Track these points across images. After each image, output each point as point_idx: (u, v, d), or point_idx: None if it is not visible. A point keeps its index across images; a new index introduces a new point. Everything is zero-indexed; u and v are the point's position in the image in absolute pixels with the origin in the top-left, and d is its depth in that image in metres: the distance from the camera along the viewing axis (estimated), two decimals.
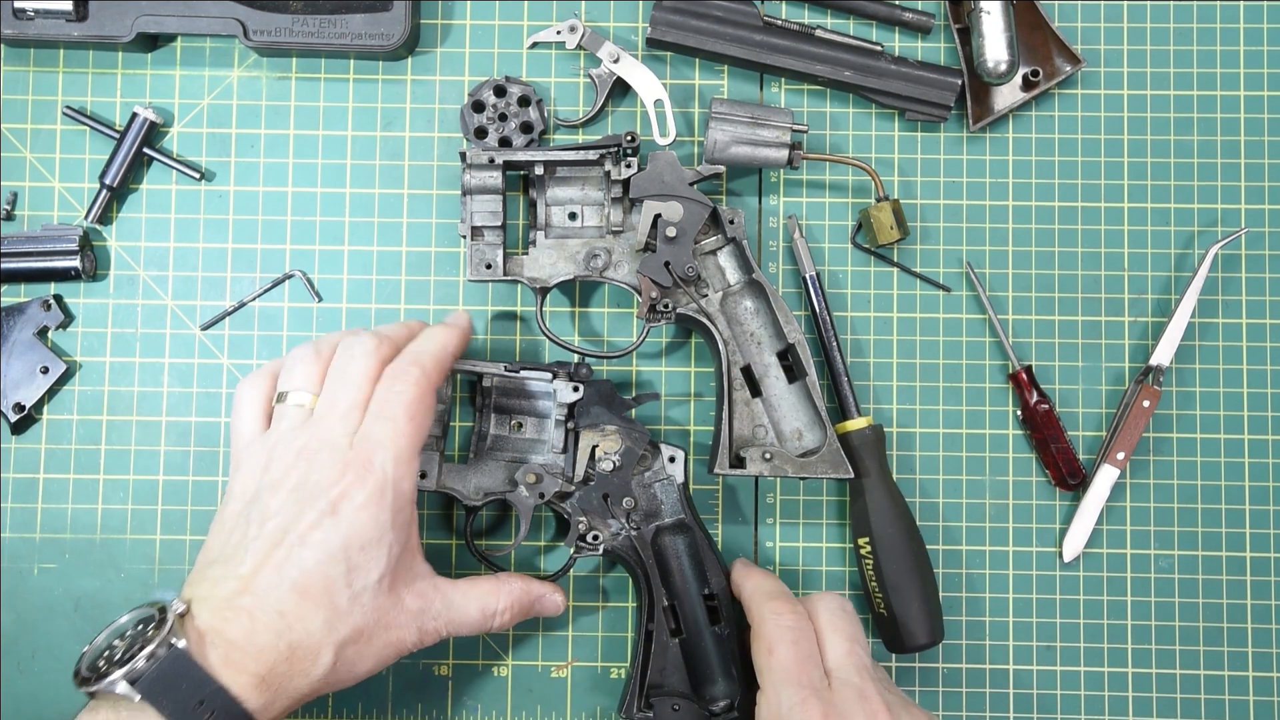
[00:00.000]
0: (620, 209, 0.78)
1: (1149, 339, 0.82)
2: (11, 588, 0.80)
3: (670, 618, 0.75)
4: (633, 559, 0.76)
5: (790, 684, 0.67)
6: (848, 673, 0.68)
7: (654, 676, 0.75)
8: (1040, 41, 0.82)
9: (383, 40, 0.80)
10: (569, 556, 0.78)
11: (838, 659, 0.69)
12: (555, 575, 0.78)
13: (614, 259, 0.78)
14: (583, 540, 0.76)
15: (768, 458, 0.75)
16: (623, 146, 0.76)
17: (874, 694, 0.67)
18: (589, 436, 0.76)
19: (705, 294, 0.78)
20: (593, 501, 0.76)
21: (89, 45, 0.81)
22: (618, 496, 0.76)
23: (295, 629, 0.63)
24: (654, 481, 0.77)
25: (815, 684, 0.67)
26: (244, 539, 0.65)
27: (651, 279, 0.76)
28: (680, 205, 0.76)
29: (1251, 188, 0.83)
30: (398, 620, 0.68)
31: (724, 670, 0.74)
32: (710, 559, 0.76)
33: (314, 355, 0.71)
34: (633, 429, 0.76)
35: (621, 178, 0.77)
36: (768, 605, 0.71)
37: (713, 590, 0.75)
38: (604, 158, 0.77)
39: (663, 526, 0.76)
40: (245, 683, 0.61)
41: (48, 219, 0.82)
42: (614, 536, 0.76)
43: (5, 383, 0.80)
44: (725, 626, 0.75)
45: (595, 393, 0.76)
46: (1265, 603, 0.81)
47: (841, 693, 0.67)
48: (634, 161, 0.77)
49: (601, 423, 0.76)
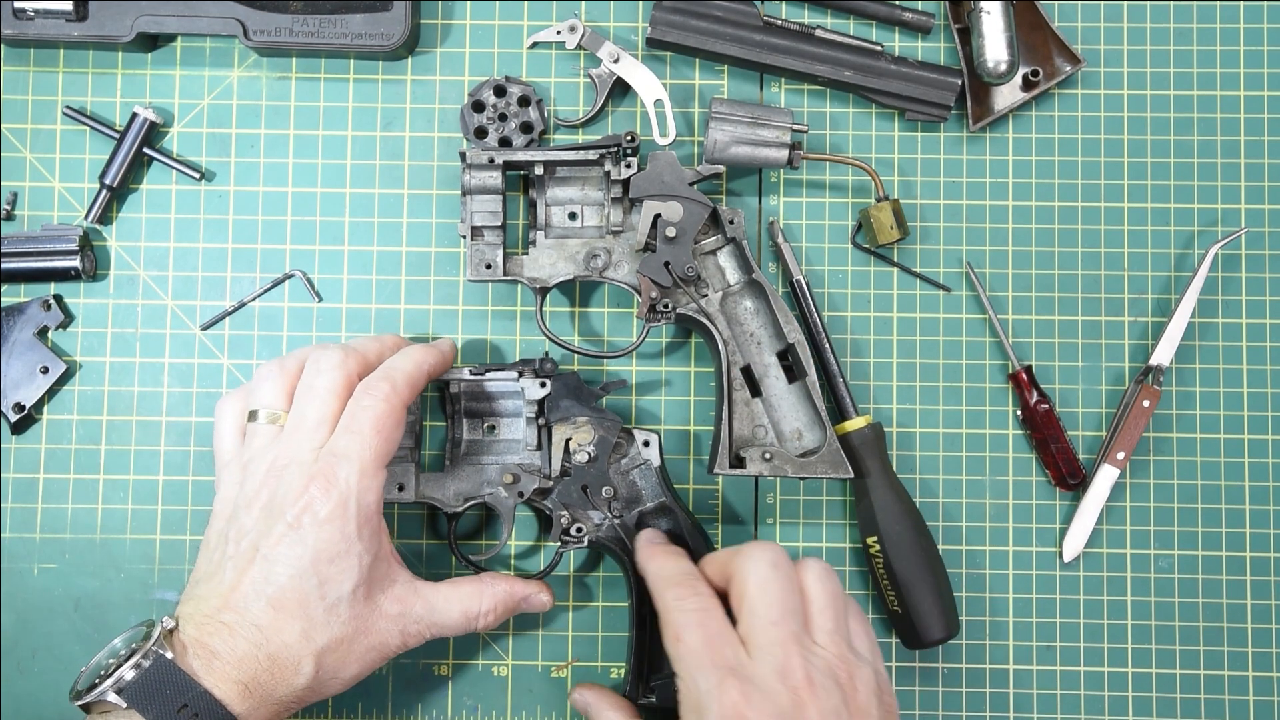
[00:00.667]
0: (620, 209, 0.78)
1: (1149, 339, 0.82)
2: (11, 588, 0.80)
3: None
4: (619, 548, 0.76)
5: (703, 668, 0.63)
6: (768, 645, 0.63)
7: (653, 662, 0.75)
8: (1040, 41, 0.82)
9: (383, 40, 0.80)
10: (555, 552, 0.78)
11: (756, 629, 0.64)
12: (543, 572, 0.78)
13: (614, 259, 0.78)
14: (567, 534, 0.76)
15: (767, 458, 0.75)
16: (622, 146, 0.76)
17: (797, 665, 0.62)
18: (561, 430, 0.76)
19: (705, 294, 0.78)
20: (572, 495, 0.76)
21: (89, 45, 0.81)
22: (597, 487, 0.76)
23: (273, 641, 0.65)
24: (631, 468, 0.77)
25: (730, 662, 0.63)
26: (223, 557, 0.67)
27: (651, 279, 0.76)
28: (680, 205, 0.76)
29: (1251, 188, 0.83)
30: (377, 626, 0.69)
31: None
32: (696, 539, 0.76)
33: (279, 372, 0.71)
34: (604, 418, 0.76)
35: (621, 178, 0.77)
36: (669, 592, 0.67)
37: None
38: (604, 158, 0.77)
39: (645, 511, 0.76)
40: (228, 689, 0.63)
41: (48, 219, 0.82)
42: (597, 527, 0.76)
43: (5, 383, 0.80)
44: None
45: (563, 386, 0.76)
46: (1265, 603, 0.81)
47: (762, 668, 0.63)
48: (634, 161, 0.77)
49: (572, 415, 0.76)
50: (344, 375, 0.70)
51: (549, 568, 0.78)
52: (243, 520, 0.67)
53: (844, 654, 0.65)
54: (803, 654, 0.63)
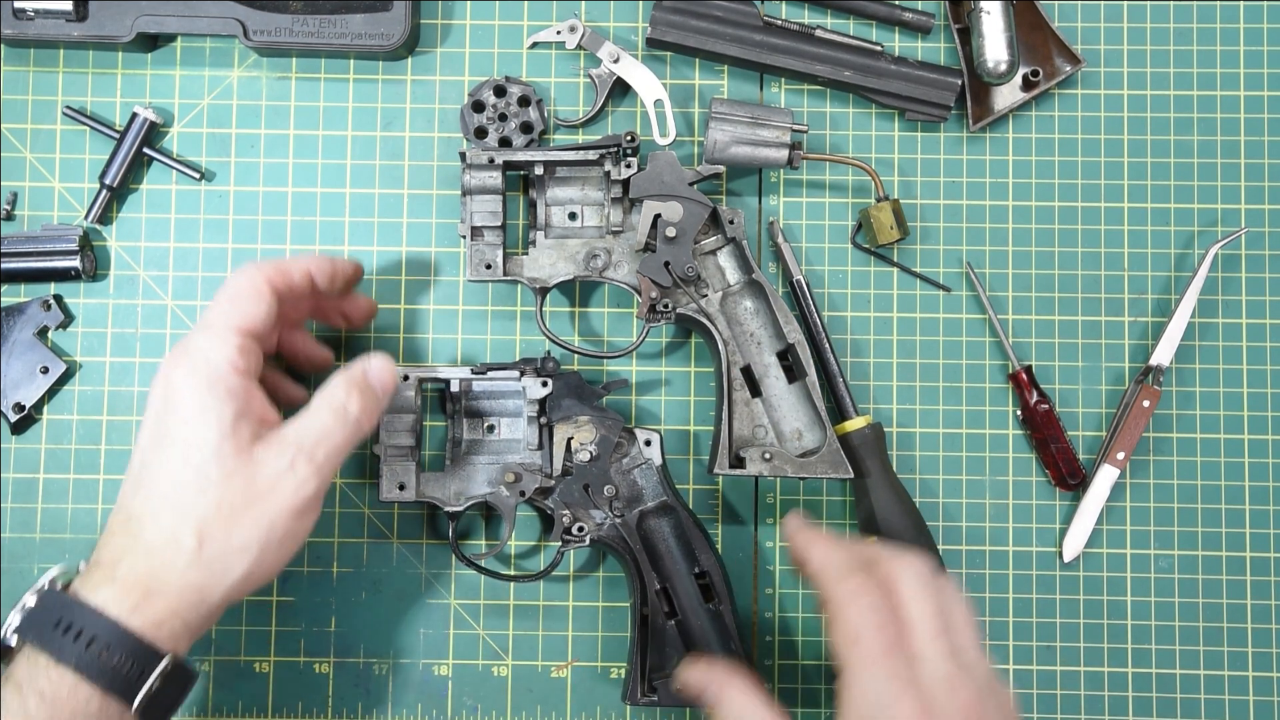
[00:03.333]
0: (620, 209, 0.78)
1: (1149, 339, 0.82)
2: (11, 588, 0.80)
3: (664, 600, 0.76)
4: (620, 547, 0.76)
5: (881, 678, 0.61)
6: (938, 659, 0.62)
7: (654, 660, 0.75)
8: (1040, 41, 0.82)
9: (383, 40, 0.80)
10: (556, 551, 0.78)
11: (925, 642, 0.62)
12: (545, 571, 0.78)
13: (614, 259, 0.78)
14: (568, 533, 0.76)
15: (767, 458, 0.75)
16: (622, 146, 0.76)
17: (962, 684, 0.61)
18: (563, 429, 0.76)
19: (705, 294, 0.78)
20: (574, 494, 0.76)
21: (89, 45, 0.81)
22: (598, 486, 0.76)
23: (148, 527, 0.63)
24: (633, 467, 0.77)
25: (904, 674, 0.61)
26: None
27: (651, 279, 0.76)
28: (680, 205, 0.76)
29: (1251, 188, 0.83)
30: (262, 478, 0.64)
31: (723, 646, 0.74)
32: (697, 537, 0.76)
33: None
34: (606, 417, 0.76)
35: (621, 178, 0.77)
36: (844, 585, 0.64)
37: (703, 568, 0.76)
38: (604, 158, 0.77)
39: (646, 511, 0.76)
40: (108, 594, 0.61)
41: (48, 219, 0.82)
42: (599, 526, 0.76)
43: (5, 383, 0.80)
44: (719, 603, 0.75)
45: (564, 385, 0.76)
46: (1265, 603, 0.81)
47: (932, 683, 0.61)
48: (634, 161, 0.77)
49: (574, 414, 0.76)
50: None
51: (550, 567, 0.78)
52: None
53: (990, 671, 0.64)
54: (961, 670, 0.62)
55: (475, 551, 0.80)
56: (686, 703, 0.72)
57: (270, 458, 0.65)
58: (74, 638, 0.60)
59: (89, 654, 0.60)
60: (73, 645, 0.60)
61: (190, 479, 0.63)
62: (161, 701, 0.62)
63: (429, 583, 0.81)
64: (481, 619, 0.81)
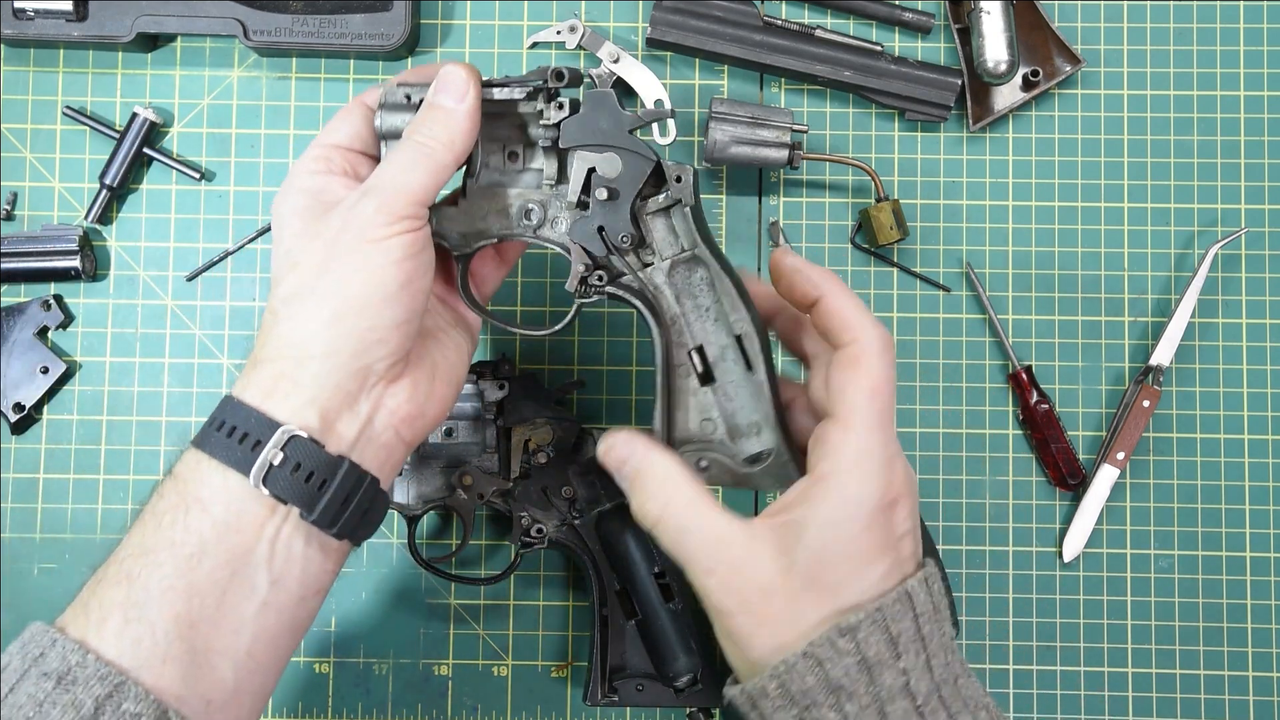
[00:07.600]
0: (554, 159, 0.63)
1: (1149, 339, 0.82)
2: (11, 588, 0.80)
3: (624, 601, 0.76)
4: (579, 547, 0.76)
5: (886, 440, 0.56)
6: (886, 427, 0.57)
7: (615, 660, 0.75)
8: (1040, 41, 0.82)
9: (383, 40, 0.80)
10: (515, 553, 0.78)
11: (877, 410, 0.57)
12: (504, 573, 0.78)
13: (549, 214, 0.64)
14: (527, 535, 0.76)
15: (704, 466, 0.62)
16: (548, 85, 0.62)
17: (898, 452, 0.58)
18: (520, 432, 0.76)
19: (650, 261, 0.63)
20: (532, 496, 0.76)
21: (89, 45, 0.81)
22: (556, 488, 0.76)
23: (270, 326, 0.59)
24: (590, 469, 0.77)
25: (894, 441, 0.57)
26: None
27: (583, 246, 0.63)
28: (618, 157, 0.62)
29: (1251, 188, 0.83)
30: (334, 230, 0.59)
31: (683, 646, 0.75)
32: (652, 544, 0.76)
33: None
34: (562, 419, 0.76)
35: (552, 121, 0.62)
36: (879, 331, 0.58)
37: (662, 568, 0.76)
38: (535, 94, 0.62)
39: (605, 512, 0.76)
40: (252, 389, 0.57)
41: (48, 219, 0.82)
42: (557, 528, 0.76)
43: (5, 383, 0.80)
44: (679, 602, 0.75)
45: (520, 387, 0.76)
46: (1265, 603, 0.81)
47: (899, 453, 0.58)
48: (566, 102, 0.62)
49: (530, 416, 0.76)
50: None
51: (508, 569, 0.78)
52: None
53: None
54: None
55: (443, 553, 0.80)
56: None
57: (339, 210, 0.60)
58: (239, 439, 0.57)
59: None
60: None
61: (282, 270, 0.59)
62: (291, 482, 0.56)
63: (429, 583, 0.81)
64: (481, 619, 0.81)
